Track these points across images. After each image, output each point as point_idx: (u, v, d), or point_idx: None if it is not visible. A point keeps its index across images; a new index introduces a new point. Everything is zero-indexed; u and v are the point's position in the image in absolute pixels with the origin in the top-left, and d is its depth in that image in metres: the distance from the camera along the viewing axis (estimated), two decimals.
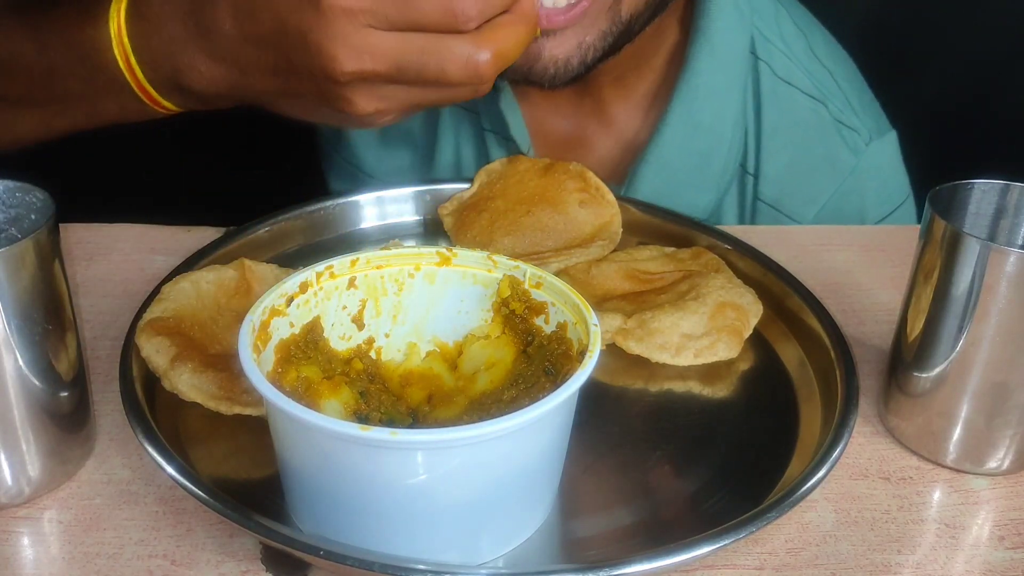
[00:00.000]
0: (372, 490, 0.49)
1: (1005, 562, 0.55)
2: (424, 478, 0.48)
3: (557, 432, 0.53)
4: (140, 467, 0.59)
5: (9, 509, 0.56)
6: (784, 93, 0.94)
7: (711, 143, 0.94)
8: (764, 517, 0.52)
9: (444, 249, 0.61)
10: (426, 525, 0.50)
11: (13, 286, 0.51)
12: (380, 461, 0.48)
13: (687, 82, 0.91)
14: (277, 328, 0.56)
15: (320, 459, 0.49)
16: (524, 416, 0.47)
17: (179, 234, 0.82)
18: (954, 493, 0.60)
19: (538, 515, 0.55)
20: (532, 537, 0.54)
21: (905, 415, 0.63)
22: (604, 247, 0.78)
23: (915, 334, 0.61)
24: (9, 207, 0.56)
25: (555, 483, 0.56)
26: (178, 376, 0.61)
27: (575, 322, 0.56)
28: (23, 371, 0.53)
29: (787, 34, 0.96)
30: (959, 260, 0.56)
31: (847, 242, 0.86)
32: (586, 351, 0.52)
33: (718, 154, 0.94)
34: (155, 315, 0.65)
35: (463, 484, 0.49)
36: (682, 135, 0.93)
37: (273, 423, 0.52)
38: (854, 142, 0.95)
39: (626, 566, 0.49)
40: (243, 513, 0.51)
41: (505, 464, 0.50)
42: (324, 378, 0.57)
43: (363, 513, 0.50)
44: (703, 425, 0.64)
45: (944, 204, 0.62)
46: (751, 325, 0.70)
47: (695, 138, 0.93)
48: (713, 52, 0.91)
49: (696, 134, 0.93)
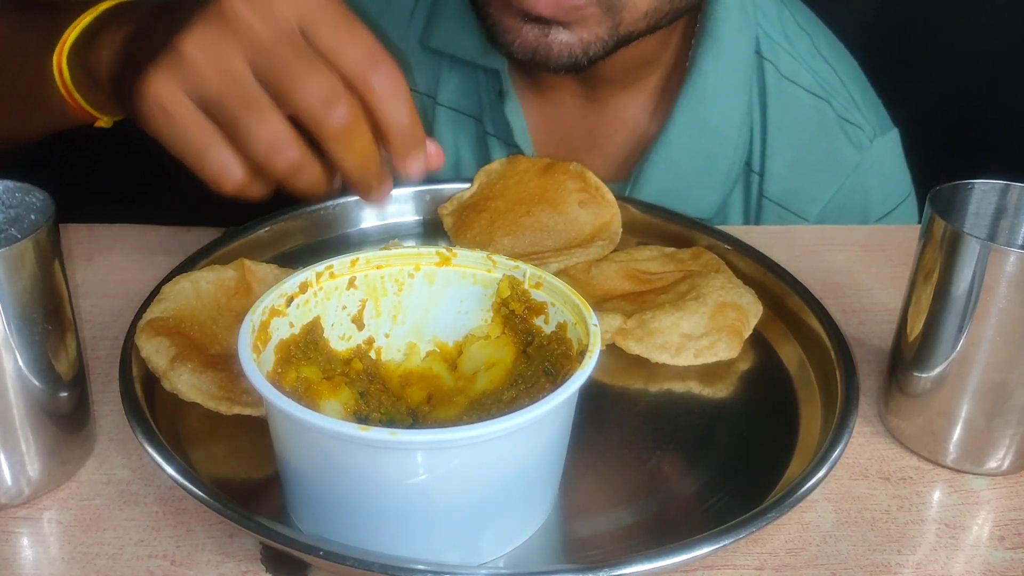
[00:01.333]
0: (372, 490, 0.49)
1: (1005, 562, 0.55)
2: (424, 478, 0.48)
3: (557, 432, 0.53)
4: (140, 467, 0.59)
5: (9, 509, 0.56)
6: (789, 92, 0.95)
7: (717, 143, 0.94)
8: (764, 517, 0.52)
9: (444, 249, 0.61)
10: (426, 525, 0.50)
11: (13, 286, 0.51)
12: (380, 461, 0.48)
13: (693, 83, 0.92)
14: (277, 328, 0.56)
15: (320, 459, 0.49)
16: (524, 416, 0.47)
17: (179, 234, 0.82)
18: (954, 493, 0.60)
19: (538, 515, 0.55)
20: (532, 537, 0.54)
21: (905, 415, 0.63)
22: (604, 247, 0.78)
23: (915, 334, 0.61)
24: (9, 207, 0.56)
25: (555, 483, 0.56)
26: (178, 376, 0.61)
27: (575, 322, 0.56)
28: (23, 371, 0.53)
29: (791, 33, 0.96)
30: (959, 260, 0.56)
31: (847, 242, 0.86)
32: (586, 351, 0.52)
33: (724, 154, 0.95)
34: (155, 315, 0.65)
35: (463, 484, 0.49)
36: (688, 135, 0.93)
37: (273, 423, 0.52)
38: (858, 139, 0.96)
39: (626, 566, 0.49)
40: (243, 513, 0.51)
41: (505, 464, 0.50)
42: (324, 378, 0.57)
43: (363, 513, 0.50)
44: (703, 425, 0.64)
45: (944, 204, 0.62)
46: (751, 325, 0.70)
47: (701, 138, 0.93)
48: (719, 53, 0.91)
49: (702, 134, 0.93)
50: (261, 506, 0.55)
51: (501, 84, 0.94)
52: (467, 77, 0.98)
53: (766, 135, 0.95)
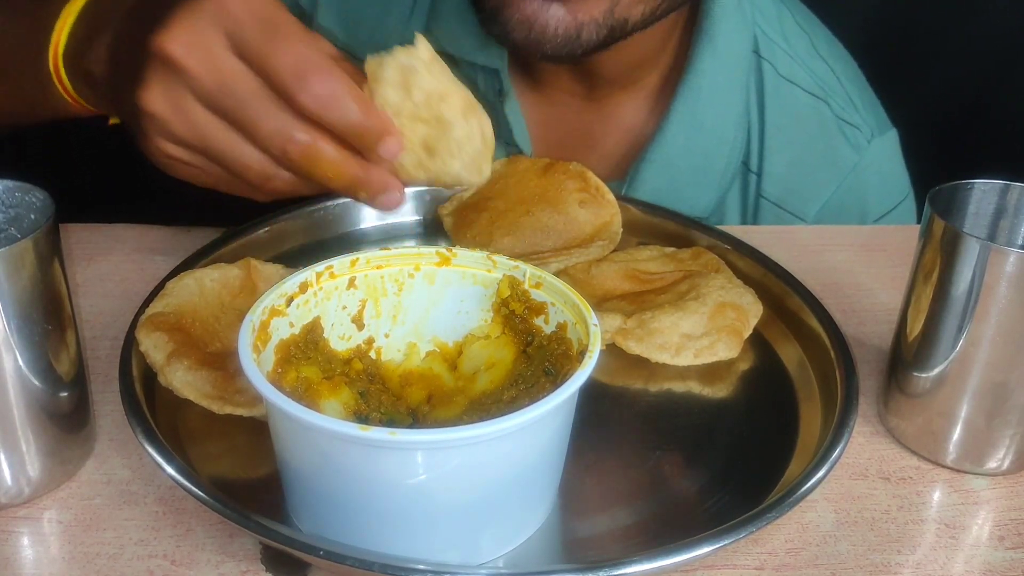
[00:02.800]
0: (372, 490, 0.49)
1: (1005, 562, 0.55)
2: (424, 478, 0.48)
3: (557, 432, 0.53)
4: (140, 467, 0.59)
5: (9, 509, 0.56)
6: (786, 91, 0.95)
7: (714, 142, 0.94)
8: (764, 517, 0.52)
9: (444, 249, 0.61)
10: (426, 525, 0.50)
11: (13, 286, 0.51)
12: (380, 461, 0.48)
13: (690, 82, 0.92)
14: (277, 328, 0.56)
15: (320, 459, 0.49)
16: (524, 416, 0.47)
17: (179, 234, 0.82)
18: (954, 493, 0.60)
19: (538, 515, 0.55)
20: (532, 537, 0.54)
21: (905, 415, 0.63)
22: (604, 247, 0.78)
23: (915, 334, 0.61)
24: (9, 207, 0.56)
25: (555, 483, 0.56)
26: (173, 372, 0.61)
27: (575, 322, 0.56)
28: (23, 371, 0.53)
29: (789, 33, 0.96)
30: (959, 260, 0.56)
31: (847, 242, 0.86)
32: (586, 351, 0.52)
33: (720, 153, 0.95)
34: (156, 310, 0.65)
35: (463, 484, 0.49)
36: (685, 134, 0.93)
37: (273, 423, 0.52)
38: (856, 139, 0.96)
39: (626, 566, 0.49)
40: (243, 513, 0.51)
41: (505, 464, 0.50)
42: (324, 378, 0.57)
43: (363, 513, 0.50)
44: (703, 425, 0.64)
45: (944, 204, 0.62)
46: (751, 325, 0.70)
47: (698, 137, 0.93)
48: (716, 52, 0.91)
49: (699, 133, 0.93)
50: (261, 506, 0.54)
51: (501, 84, 0.95)
52: (466, 77, 0.98)
53: (764, 135, 0.95)
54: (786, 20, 0.97)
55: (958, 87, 1.26)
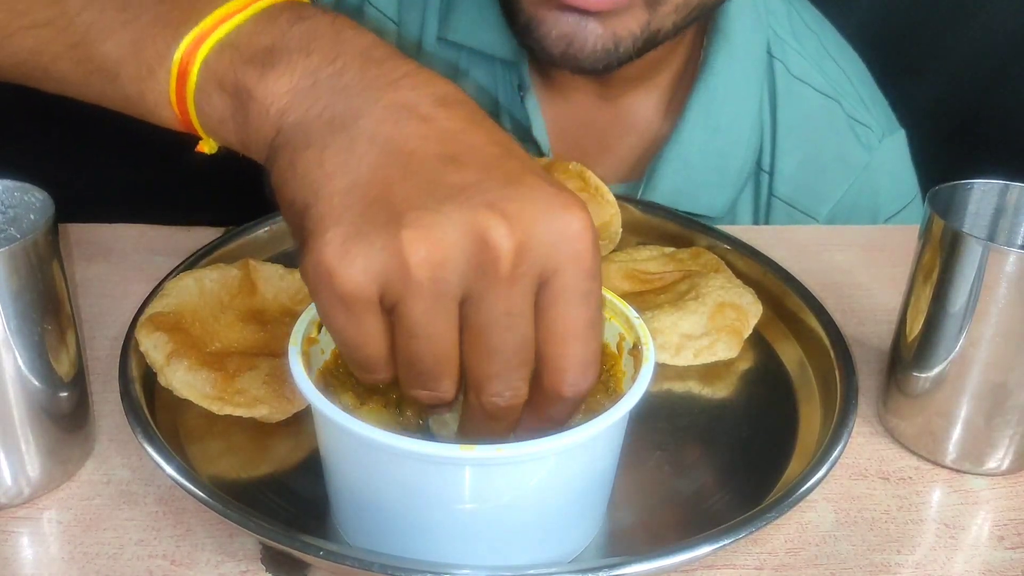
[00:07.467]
0: (431, 505, 0.48)
1: (1005, 562, 0.55)
2: (505, 495, 0.48)
3: (612, 445, 0.52)
4: (140, 467, 0.59)
5: (9, 509, 0.56)
6: (799, 91, 0.95)
7: (729, 143, 0.94)
8: (764, 517, 0.52)
9: None
10: (489, 540, 0.49)
11: (12, 286, 0.51)
12: (449, 478, 0.47)
13: (706, 83, 0.92)
14: (314, 355, 0.54)
15: (400, 485, 0.48)
16: (603, 423, 0.47)
17: (179, 234, 0.82)
18: (953, 493, 0.60)
19: (589, 532, 0.54)
20: None
21: (904, 415, 0.63)
22: (604, 247, 0.78)
23: (915, 334, 0.61)
24: (9, 207, 0.56)
25: (605, 500, 0.55)
26: (173, 373, 0.61)
27: (623, 333, 0.56)
28: (22, 371, 0.53)
29: (800, 33, 0.96)
30: (959, 260, 0.56)
31: (847, 242, 0.86)
32: (641, 360, 0.52)
33: (736, 153, 0.95)
34: (156, 310, 0.65)
35: (541, 495, 0.49)
36: (701, 135, 0.93)
37: (333, 444, 0.50)
38: (867, 139, 0.96)
39: (626, 566, 0.49)
40: (243, 513, 0.51)
41: (581, 472, 0.50)
42: (360, 404, 0.55)
43: (424, 530, 0.49)
44: (703, 425, 0.64)
45: (944, 204, 0.62)
46: (751, 325, 0.70)
47: (714, 138, 0.93)
48: (732, 53, 0.91)
49: (715, 134, 0.93)
50: (261, 506, 0.54)
51: (520, 78, 0.94)
52: (485, 71, 0.97)
53: (776, 134, 0.95)
54: (796, 20, 0.97)
55: (958, 88, 1.26)
